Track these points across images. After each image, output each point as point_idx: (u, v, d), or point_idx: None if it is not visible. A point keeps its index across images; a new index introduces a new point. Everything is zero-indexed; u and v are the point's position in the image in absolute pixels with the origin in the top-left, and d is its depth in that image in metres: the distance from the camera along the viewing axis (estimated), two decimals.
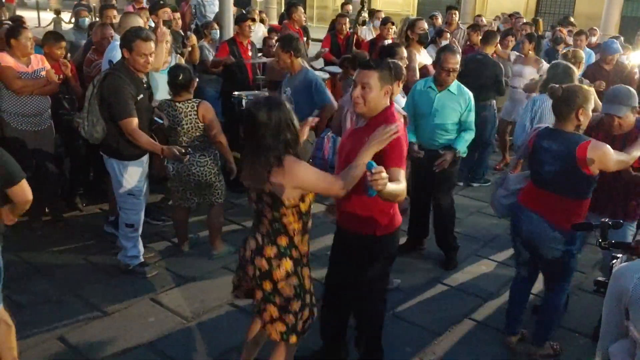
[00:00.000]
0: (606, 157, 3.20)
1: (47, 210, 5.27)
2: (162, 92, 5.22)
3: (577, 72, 5.40)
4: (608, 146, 3.23)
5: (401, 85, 4.08)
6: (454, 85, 4.52)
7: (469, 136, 4.57)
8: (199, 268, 4.57)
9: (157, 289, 4.24)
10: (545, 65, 7.12)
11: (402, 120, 3.52)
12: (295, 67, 4.99)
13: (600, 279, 2.61)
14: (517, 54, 7.57)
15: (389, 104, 3.01)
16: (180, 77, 4.34)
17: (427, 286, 4.48)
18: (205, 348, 3.61)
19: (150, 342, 3.63)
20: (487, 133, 6.64)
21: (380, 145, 2.69)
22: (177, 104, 4.38)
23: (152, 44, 4.05)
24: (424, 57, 6.50)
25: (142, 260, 4.47)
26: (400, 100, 4.53)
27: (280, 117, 2.61)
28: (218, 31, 7.42)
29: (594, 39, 9.15)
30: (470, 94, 4.56)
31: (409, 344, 3.73)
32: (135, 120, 4.01)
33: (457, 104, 4.48)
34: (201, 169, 4.47)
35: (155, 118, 4.46)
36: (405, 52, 4.94)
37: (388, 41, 7.21)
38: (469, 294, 4.40)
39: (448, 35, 8.08)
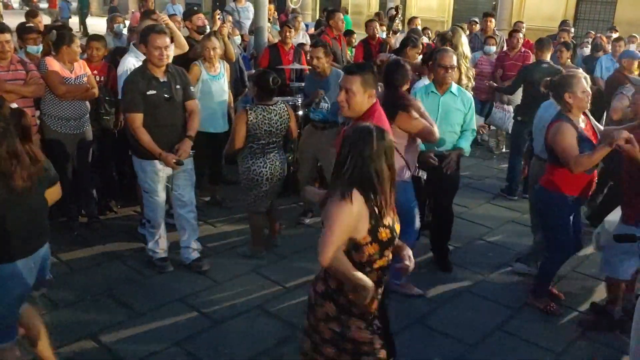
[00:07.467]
0: (556, 142, 3.72)
1: (83, 211, 5.40)
2: (216, 96, 5.31)
3: None
4: (565, 135, 3.67)
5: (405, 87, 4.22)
6: (454, 86, 4.58)
7: (471, 136, 4.65)
8: (230, 271, 4.61)
9: (188, 291, 4.30)
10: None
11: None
12: (327, 70, 5.29)
13: None
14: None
15: (373, 102, 3.19)
16: (278, 82, 4.59)
17: (457, 296, 4.43)
18: (234, 351, 3.64)
19: (180, 344, 3.68)
20: None
21: None
22: (271, 107, 4.57)
23: (166, 39, 4.20)
24: None
25: (163, 256, 4.58)
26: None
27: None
28: (237, 38, 7.73)
29: (632, 47, 8.89)
30: (470, 96, 4.66)
31: (439, 355, 3.68)
32: (138, 117, 4.15)
33: (460, 104, 4.55)
34: (284, 165, 4.76)
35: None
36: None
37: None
38: (500, 304, 4.33)
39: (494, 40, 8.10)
